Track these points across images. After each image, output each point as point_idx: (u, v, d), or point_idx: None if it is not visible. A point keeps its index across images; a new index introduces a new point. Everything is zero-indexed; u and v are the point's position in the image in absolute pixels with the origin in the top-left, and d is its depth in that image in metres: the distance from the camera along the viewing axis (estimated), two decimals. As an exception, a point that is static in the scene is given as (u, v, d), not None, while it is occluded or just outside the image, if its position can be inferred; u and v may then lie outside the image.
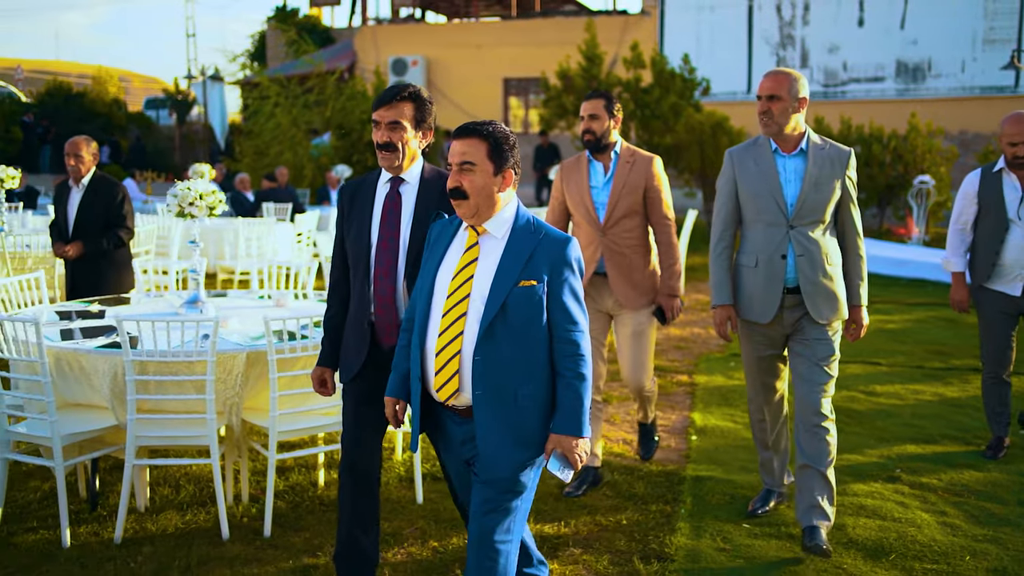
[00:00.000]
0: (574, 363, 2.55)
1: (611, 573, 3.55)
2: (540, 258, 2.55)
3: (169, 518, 4.05)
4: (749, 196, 3.76)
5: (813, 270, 3.67)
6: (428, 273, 2.67)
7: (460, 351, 2.54)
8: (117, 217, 5.68)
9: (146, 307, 4.88)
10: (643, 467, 4.70)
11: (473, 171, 2.55)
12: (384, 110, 3.06)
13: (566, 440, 2.54)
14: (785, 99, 3.62)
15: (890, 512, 4.10)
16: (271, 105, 16.29)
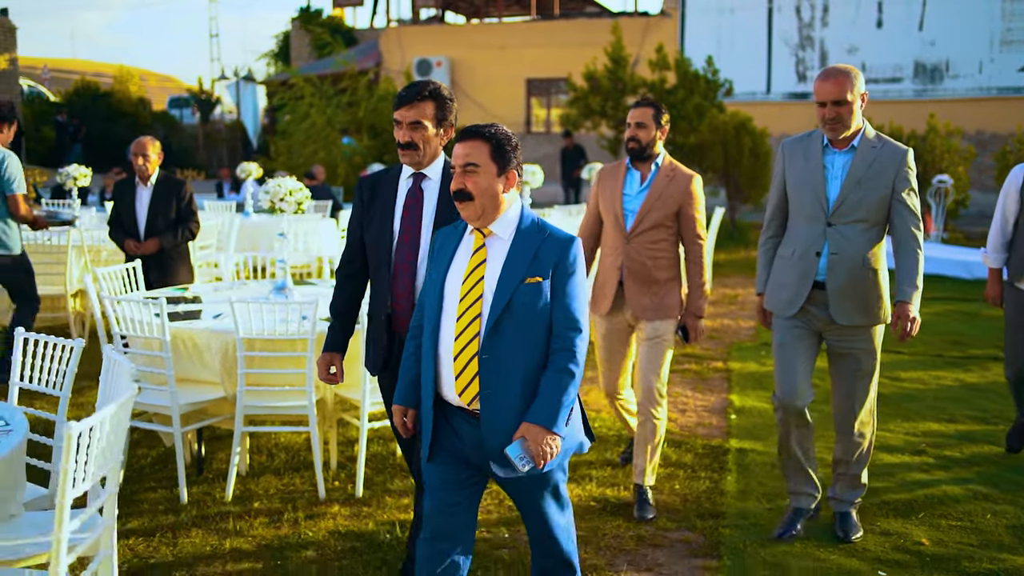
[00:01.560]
0: (564, 357, 2.55)
1: (671, 528, 4.01)
2: (545, 256, 2.58)
3: (269, 481, 4.52)
4: (793, 189, 3.74)
5: (844, 270, 3.60)
6: (436, 279, 2.67)
7: (478, 352, 2.56)
8: (186, 213, 6.04)
9: (236, 293, 5.36)
10: (690, 441, 5.15)
11: (477, 172, 2.57)
12: (405, 110, 3.07)
13: (535, 430, 2.50)
14: (851, 100, 3.53)
15: (917, 479, 4.54)
16: (306, 105, 16.79)
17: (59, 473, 2.42)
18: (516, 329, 2.53)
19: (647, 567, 3.63)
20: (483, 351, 2.53)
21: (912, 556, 3.70)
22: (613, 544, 3.83)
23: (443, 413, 2.68)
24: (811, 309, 3.71)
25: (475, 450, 2.63)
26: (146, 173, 5.99)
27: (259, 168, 11.10)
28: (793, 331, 3.76)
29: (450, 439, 2.68)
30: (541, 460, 2.47)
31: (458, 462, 2.67)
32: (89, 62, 47.70)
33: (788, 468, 3.93)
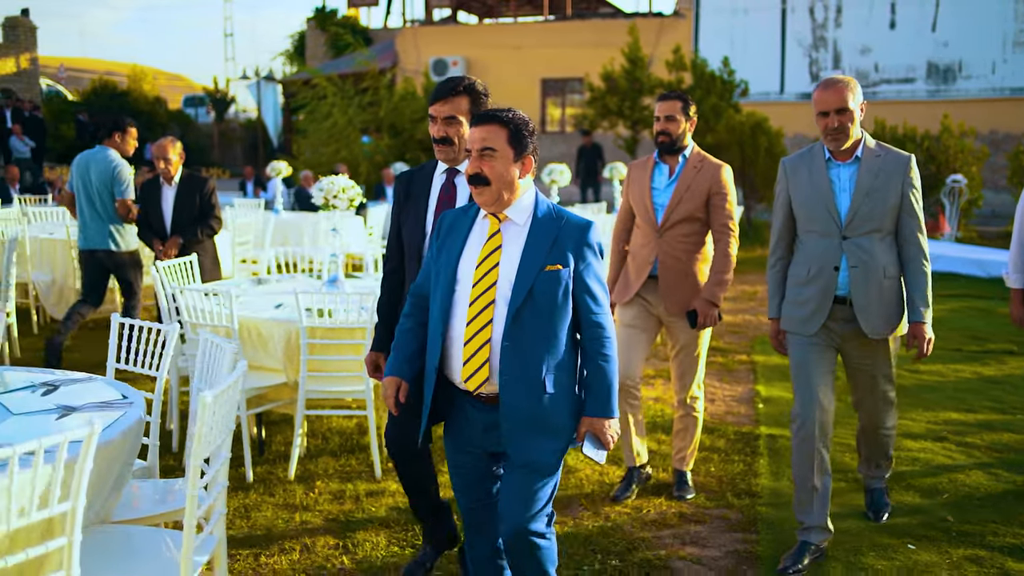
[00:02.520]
0: (601, 345, 2.60)
1: (709, 506, 4.26)
2: (564, 242, 2.57)
3: (326, 462, 4.79)
4: (801, 206, 3.67)
5: (867, 282, 3.57)
6: (448, 262, 2.65)
7: (490, 339, 2.55)
8: (207, 209, 6.23)
9: (286, 286, 5.63)
10: (722, 427, 5.41)
11: (494, 157, 2.55)
12: (440, 105, 3.08)
13: (598, 422, 2.60)
14: (853, 109, 3.53)
15: (940, 463, 4.79)
16: (328, 105, 17.07)
17: (156, 444, 2.68)
18: (536, 316, 2.54)
19: (690, 540, 3.89)
20: (504, 339, 2.52)
21: (939, 532, 3.95)
22: (657, 520, 4.09)
23: (451, 398, 2.70)
24: (831, 325, 3.66)
25: (485, 433, 2.66)
26: (169, 174, 6.20)
27: (288, 167, 11.37)
28: (811, 348, 3.67)
29: (459, 425, 2.71)
30: (611, 444, 2.62)
31: (471, 455, 2.73)
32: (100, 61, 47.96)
33: (802, 498, 3.69)
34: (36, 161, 19.92)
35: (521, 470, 2.61)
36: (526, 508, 2.60)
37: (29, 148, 20.03)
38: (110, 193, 6.29)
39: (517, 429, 2.57)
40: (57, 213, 9.70)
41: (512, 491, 2.62)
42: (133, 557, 2.61)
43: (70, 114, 28.12)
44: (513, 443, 2.58)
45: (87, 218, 6.34)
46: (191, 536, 2.44)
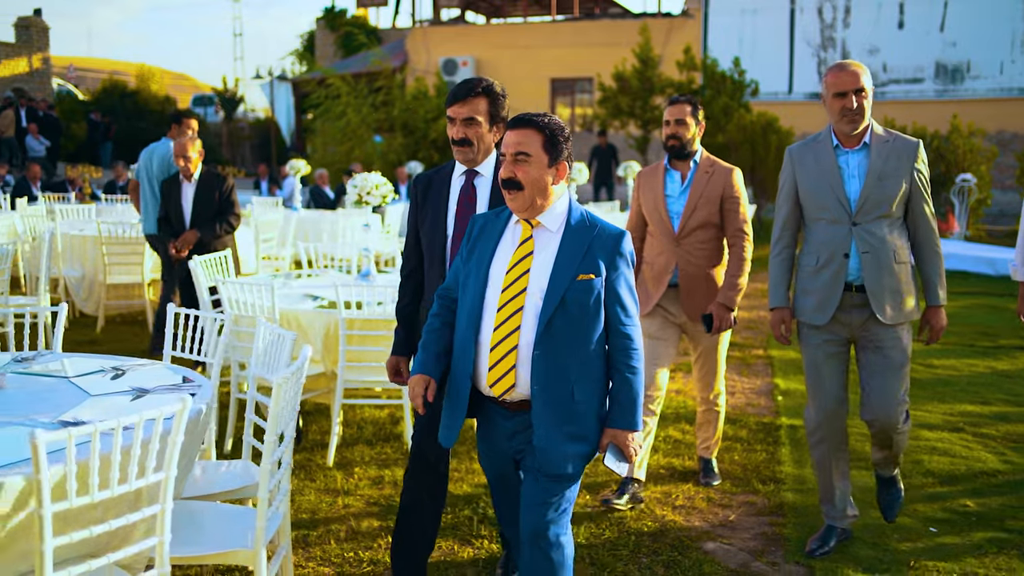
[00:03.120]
0: (628, 357, 2.58)
1: (735, 492, 4.41)
2: (597, 251, 2.55)
3: (362, 450, 4.95)
4: (810, 194, 3.62)
5: (879, 268, 3.53)
6: (479, 266, 2.63)
7: (517, 346, 2.53)
8: (226, 205, 6.32)
9: (318, 280, 5.80)
10: (743, 418, 5.56)
11: (528, 162, 2.53)
12: (459, 106, 3.06)
13: (621, 434, 2.57)
14: (868, 90, 3.49)
15: (958, 452, 4.93)
16: (343, 104, 17.25)
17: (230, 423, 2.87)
18: (569, 325, 2.51)
19: (720, 523, 4.04)
20: (536, 347, 2.50)
21: (959, 516, 4.10)
22: (687, 504, 4.24)
23: (477, 403, 2.67)
24: (843, 316, 3.61)
25: (508, 440, 2.66)
26: (189, 172, 6.29)
27: (307, 166, 11.56)
28: (824, 347, 3.66)
29: (485, 430, 2.73)
30: (634, 457, 2.59)
31: (498, 456, 2.74)
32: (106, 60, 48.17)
33: (824, 495, 3.79)
34: (51, 160, 20.15)
35: (544, 480, 2.59)
36: (547, 512, 2.60)
37: (44, 147, 20.27)
38: None
39: (546, 437, 2.55)
40: (82, 210, 9.88)
41: (534, 495, 2.61)
42: (209, 529, 2.77)
43: (81, 113, 28.31)
44: (540, 450, 2.56)
45: (150, 205, 6.80)
46: (264, 508, 2.60)
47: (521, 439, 2.63)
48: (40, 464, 1.99)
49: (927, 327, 3.67)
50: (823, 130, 3.67)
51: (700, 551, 3.75)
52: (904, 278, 3.59)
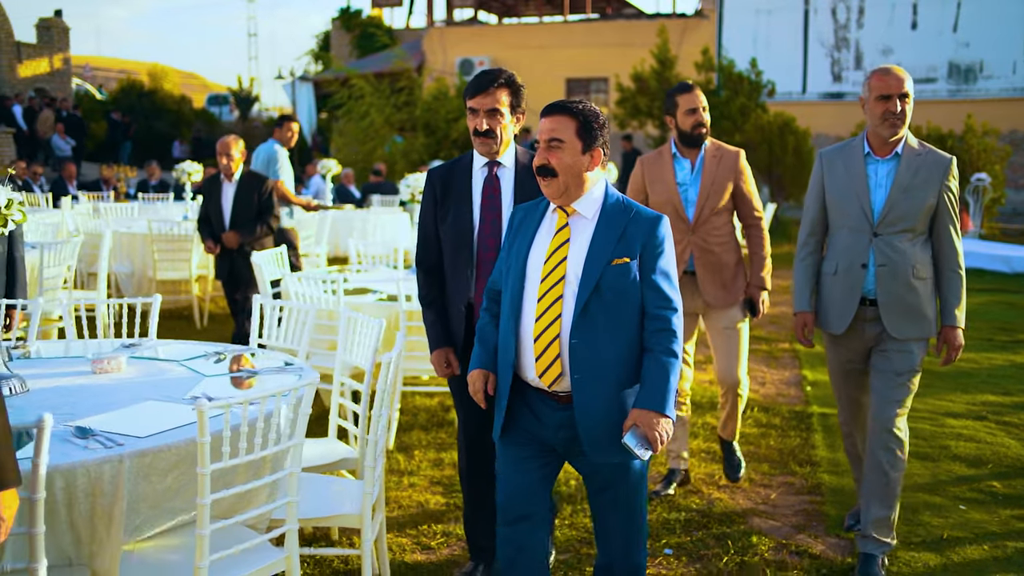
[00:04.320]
0: (664, 338, 2.52)
1: (774, 473, 4.70)
2: (632, 235, 2.52)
3: (419, 435, 5.25)
4: (835, 200, 3.60)
5: (894, 282, 3.47)
6: (519, 257, 2.61)
7: (559, 334, 2.50)
8: (265, 207, 6.46)
9: (368, 275, 6.10)
10: (775, 407, 5.84)
11: (562, 148, 2.50)
12: (482, 97, 3.06)
13: (647, 416, 2.47)
14: (912, 96, 3.45)
15: (983, 438, 5.21)
16: (366, 104, 17.57)
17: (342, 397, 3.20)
18: (605, 311, 2.48)
19: (762, 501, 4.33)
20: (572, 335, 2.47)
21: (986, 495, 4.38)
22: (730, 484, 4.53)
23: (520, 393, 2.62)
24: (859, 327, 3.59)
25: (555, 432, 2.59)
26: (230, 171, 6.39)
27: (338, 165, 11.87)
28: (844, 365, 3.73)
29: (527, 419, 2.63)
30: (659, 444, 2.46)
31: (532, 443, 2.64)
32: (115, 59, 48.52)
33: (857, 477, 3.94)
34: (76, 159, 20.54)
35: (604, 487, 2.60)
36: (629, 545, 2.63)
37: (70, 147, 20.66)
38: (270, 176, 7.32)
39: (593, 428, 2.51)
40: (125, 209, 10.21)
41: (603, 512, 2.63)
42: (316, 495, 3.07)
43: (100, 113, 28.66)
44: (592, 444, 2.52)
45: None
46: (371, 473, 2.91)
47: (568, 433, 2.57)
48: (204, 429, 2.29)
49: (943, 346, 3.57)
50: (857, 136, 3.65)
51: (747, 525, 4.04)
52: (922, 295, 3.50)
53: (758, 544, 3.83)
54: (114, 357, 3.21)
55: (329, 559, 3.55)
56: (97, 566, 2.41)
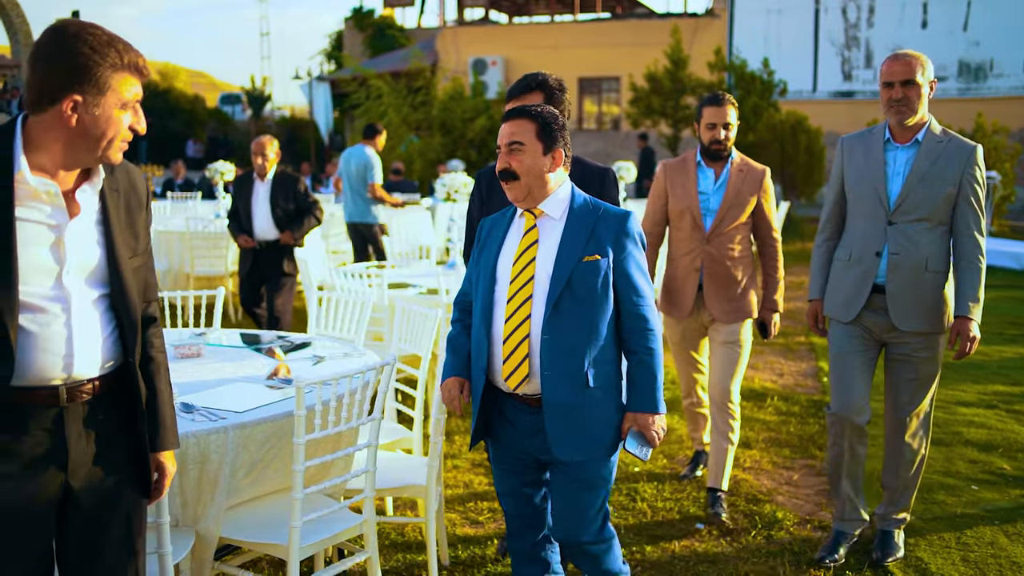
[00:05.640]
0: (644, 338, 2.53)
1: (795, 457, 4.97)
2: (602, 232, 2.52)
3: (456, 422, 5.53)
4: (853, 186, 3.57)
5: (906, 272, 3.42)
6: (488, 263, 2.62)
7: (529, 335, 2.50)
8: (308, 203, 6.57)
9: (405, 271, 6.39)
10: (794, 396, 6.11)
11: (522, 151, 2.52)
12: (515, 102, 3.11)
13: (642, 417, 2.52)
14: (920, 83, 3.37)
15: (993, 425, 5.47)
16: (384, 105, 17.86)
17: None
18: (576, 309, 2.49)
19: (785, 481, 4.61)
20: (544, 331, 2.48)
21: (997, 477, 4.64)
22: (754, 467, 4.81)
23: (496, 402, 2.63)
24: (870, 315, 3.53)
25: (530, 439, 2.59)
26: (264, 171, 6.44)
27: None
28: (851, 341, 3.57)
29: (504, 429, 2.64)
30: (657, 441, 2.54)
31: (517, 462, 2.65)
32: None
33: (836, 491, 3.77)
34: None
35: (571, 481, 2.57)
36: (579, 519, 2.59)
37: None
38: (363, 179, 8.42)
39: (561, 426, 2.51)
40: (156, 207, 10.52)
41: (563, 501, 2.59)
42: (387, 468, 3.36)
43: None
44: (558, 441, 2.52)
45: (349, 198, 8.59)
46: (435, 448, 3.20)
47: (542, 438, 2.57)
48: (301, 403, 2.58)
49: (956, 338, 3.45)
50: (879, 124, 3.60)
51: (772, 503, 4.31)
52: (934, 288, 3.44)
53: (783, 520, 4.11)
54: (194, 343, 3.50)
55: (386, 530, 3.84)
56: (201, 527, 2.70)
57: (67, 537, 1.97)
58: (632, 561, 3.70)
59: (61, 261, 1.88)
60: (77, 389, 1.90)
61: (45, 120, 1.84)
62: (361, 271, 5.90)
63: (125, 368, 2.00)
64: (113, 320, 1.97)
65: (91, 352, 1.92)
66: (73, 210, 1.91)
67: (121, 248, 1.96)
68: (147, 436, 2.05)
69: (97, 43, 1.81)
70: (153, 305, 2.12)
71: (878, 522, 3.79)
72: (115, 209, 1.98)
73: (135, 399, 2.01)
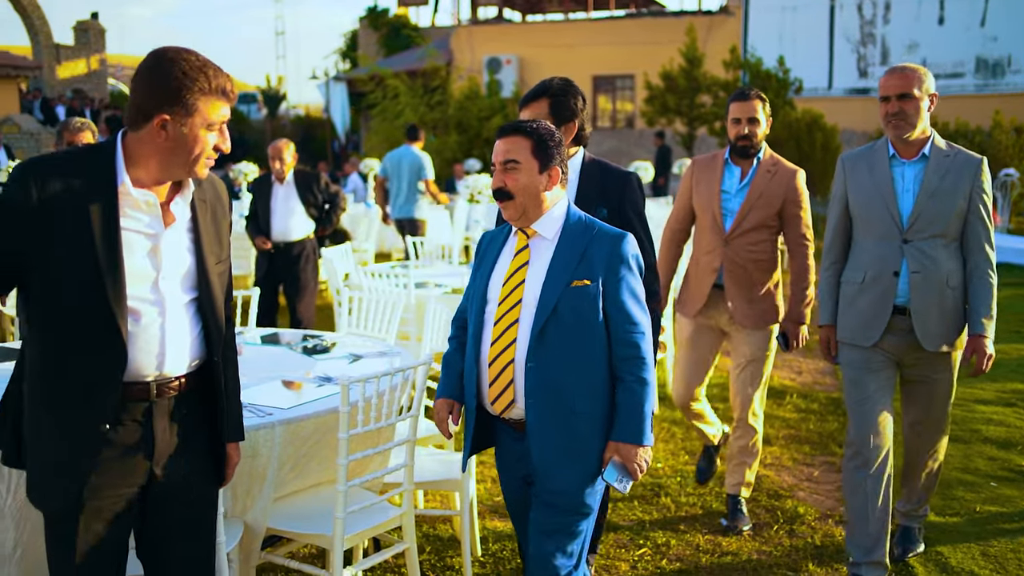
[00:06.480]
0: (634, 366, 2.41)
1: (815, 454, 5.06)
2: (594, 255, 2.42)
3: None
4: (860, 206, 3.45)
5: (929, 290, 3.33)
6: (480, 281, 2.56)
7: (514, 360, 2.42)
8: (333, 195, 6.62)
9: (428, 270, 6.51)
10: (813, 394, 6.19)
11: (518, 169, 2.44)
12: (524, 112, 3.09)
13: (625, 448, 2.40)
14: (918, 97, 3.30)
15: (1012, 423, 5.54)
16: (401, 104, 18.00)
17: None
18: (563, 335, 2.39)
19: (805, 478, 4.70)
20: (529, 359, 2.39)
21: (1016, 474, 4.71)
22: (775, 463, 4.90)
23: (487, 424, 2.58)
24: (889, 337, 3.41)
25: (519, 462, 2.54)
26: (282, 174, 6.44)
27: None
28: (868, 364, 3.45)
29: (499, 450, 2.61)
30: (638, 475, 2.43)
31: (513, 480, 2.60)
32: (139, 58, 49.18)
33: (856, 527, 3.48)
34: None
35: (548, 506, 2.45)
36: (554, 546, 2.44)
37: (111, 146, 21.25)
38: (417, 177, 8.98)
39: (545, 455, 2.43)
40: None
41: (539, 527, 2.47)
42: (424, 461, 3.48)
43: (134, 112, 29.20)
44: (540, 471, 2.44)
45: (403, 196, 9.00)
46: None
47: (528, 462, 2.50)
48: (346, 400, 2.69)
49: (972, 356, 3.39)
50: (880, 139, 3.52)
51: (793, 498, 4.40)
52: (955, 305, 3.38)
53: (804, 515, 4.20)
54: (234, 342, 3.63)
55: (418, 523, 3.96)
56: (249, 519, 2.82)
57: (148, 522, 2.12)
58: (658, 554, 3.81)
59: (157, 267, 2.03)
60: (166, 385, 2.06)
61: (141, 136, 1.99)
62: (387, 271, 6.02)
63: (209, 366, 2.15)
64: (200, 322, 2.12)
65: (180, 351, 2.07)
66: (168, 219, 2.06)
67: (209, 255, 2.10)
68: (221, 429, 2.20)
69: (189, 68, 1.94)
70: (229, 306, 2.26)
71: (899, 518, 3.84)
72: (204, 218, 2.13)
73: (216, 395, 2.16)
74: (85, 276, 1.92)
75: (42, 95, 23.28)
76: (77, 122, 4.12)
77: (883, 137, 3.50)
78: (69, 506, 2.00)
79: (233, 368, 2.26)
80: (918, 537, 3.82)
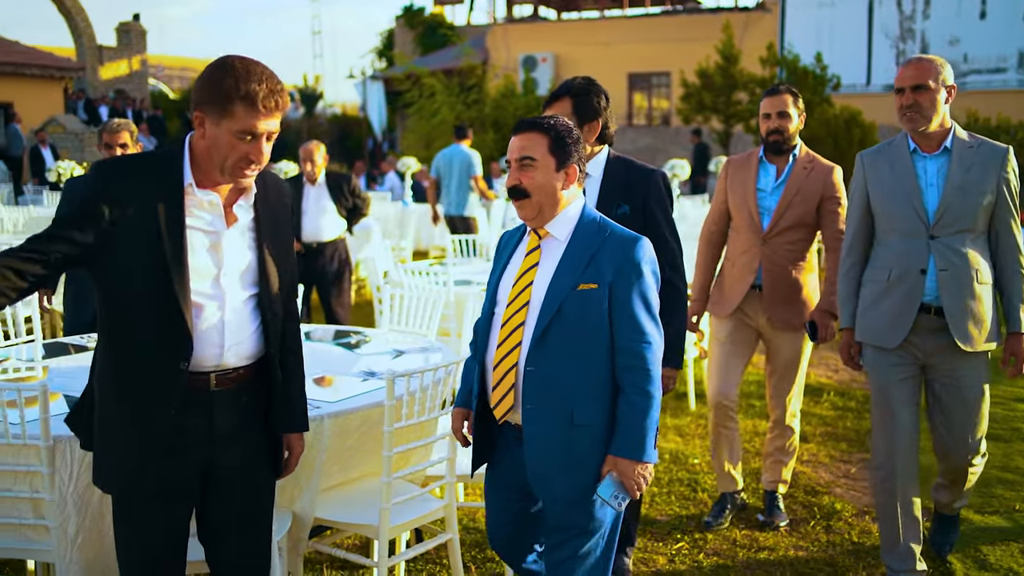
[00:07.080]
0: (638, 378, 2.30)
1: (852, 451, 5.07)
2: (604, 259, 2.32)
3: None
4: (883, 203, 3.33)
5: (959, 287, 3.21)
6: (492, 282, 2.51)
7: (517, 363, 2.34)
8: (359, 199, 6.67)
9: (472, 267, 6.60)
10: (850, 391, 6.18)
11: (534, 167, 2.35)
12: (548, 111, 3.07)
13: (623, 463, 2.30)
14: (933, 88, 3.20)
15: (1053, 422, 5.50)
16: (438, 103, 18.14)
17: None
18: (566, 341, 2.30)
19: (842, 474, 4.71)
20: (528, 363, 2.32)
21: (1056, 472, 4.69)
22: (812, 460, 4.92)
23: (491, 426, 2.51)
24: (915, 337, 3.29)
25: (520, 468, 2.43)
26: (314, 176, 6.48)
27: (418, 163, 12.44)
28: (894, 371, 3.33)
29: (502, 453, 2.53)
30: (636, 493, 2.31)
31: (510, 486, 2.53)
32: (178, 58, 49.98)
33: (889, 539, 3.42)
34: (157, 158, 21.52)
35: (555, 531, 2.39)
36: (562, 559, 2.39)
37: (153, 146, 21.72)
38: (467, 175, 9.11)
39: (542, 463, 2.35)
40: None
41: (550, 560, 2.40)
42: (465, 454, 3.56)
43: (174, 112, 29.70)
44: (538, 479, 2.37)
45: (454, 194, 9.17)
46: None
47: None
48: (391, 394, 2.78)
49: (1011, 357, 3.30)
50: (898, 134, 3.41)
51: (830, 495, 4.42)
52: (986, 301, 3.26)
53: (841, 511, 4.22)
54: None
55: (459, 514, 4.05)
56: (297, 508, 2.92)
57: (208, 508, 2.23)
58: (695, 548, 3.86)
59: (219, 264, 2.13)
60: (225, 376, 2.17)
61: (196, 136, 2.09)
62: (425, 269, 6.12)
63: (266, 359, 2.25)
64: (259, 317, 2.22)
65: (240, 345, 2.18)
66: (230, 219, 2.16)
67: (268, 254, 2.20)
68: (280, 419, 2.30)
69: (240, 75, 2.02)
70: (293, 303, 2.35)
71: (937, 508, 3.77)
72: (265, 219, 2.22)
73: (273, 387, 2.26)
74: (153, 271, 2.03)
75: (86, 96, 23.78)
76: (115, 123, 4.28)
77: (901, 132, 3.40)
78: (133, 489, 2.12)
79: (297, 361, 2.36)
80: (956, 526, 3.78)
